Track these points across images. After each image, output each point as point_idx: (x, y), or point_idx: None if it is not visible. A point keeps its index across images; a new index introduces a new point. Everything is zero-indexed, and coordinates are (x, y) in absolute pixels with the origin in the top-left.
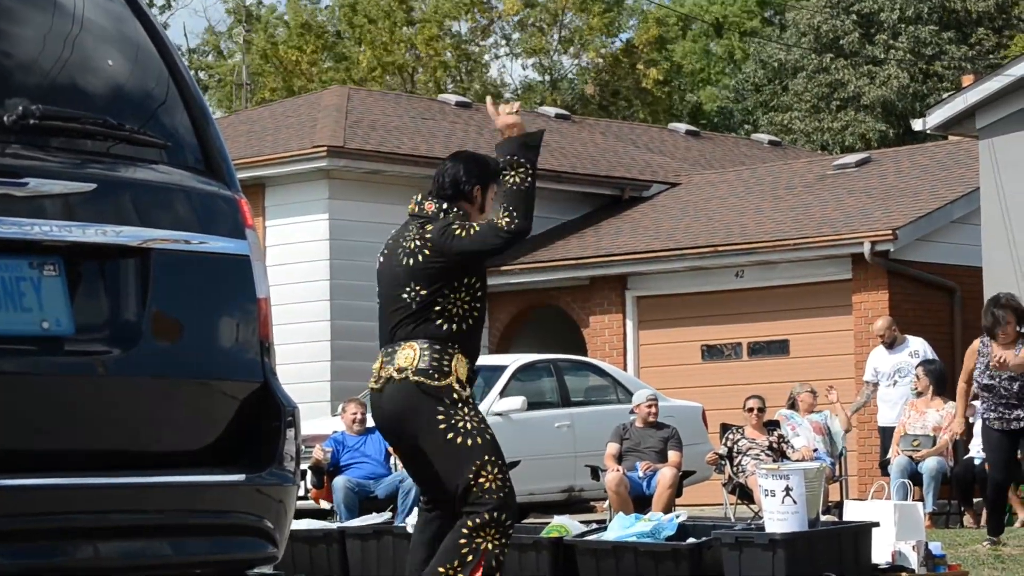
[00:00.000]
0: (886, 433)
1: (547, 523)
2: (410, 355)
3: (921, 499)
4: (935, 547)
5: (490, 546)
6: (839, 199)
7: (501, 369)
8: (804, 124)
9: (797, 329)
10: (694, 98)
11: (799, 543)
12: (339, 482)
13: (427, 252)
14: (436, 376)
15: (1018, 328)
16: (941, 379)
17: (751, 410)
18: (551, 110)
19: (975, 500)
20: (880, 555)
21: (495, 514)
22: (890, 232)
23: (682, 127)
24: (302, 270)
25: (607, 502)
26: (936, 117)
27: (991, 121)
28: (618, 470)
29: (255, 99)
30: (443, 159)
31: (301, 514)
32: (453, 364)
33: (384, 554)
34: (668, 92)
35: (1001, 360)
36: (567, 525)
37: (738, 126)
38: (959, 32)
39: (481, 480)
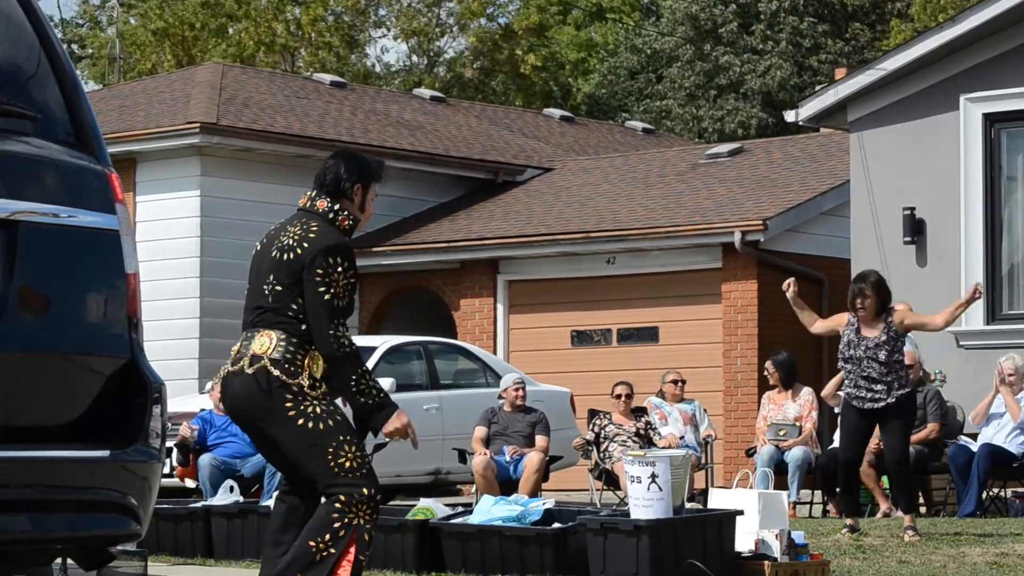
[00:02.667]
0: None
1: (413, 505)
2: (265, 343)
3: (785, 488)
4: (798, 536)
5: (361, 522)
6: (711, 188)
7: (370, 351)
8: (683, 111)
9: (667, 316)
10: (579, 86)
11: (663, 530)
12: (205, 460)
13: (292, 256)
14: (288, 369)
15: (881, 301)
16: (791, 370)
17: (619, 396)
18: (427, 92)
19: (838, 490)
20: (744, 543)
21: (364, 490)
22: (760, 222)
23: (557, 113)
24: (172, 246)
25: (474, 485)
26: (808, 109)
27: (862, 115)
28: (485, 454)
29: (136, 72)
30: (317, 139)
31: (166, 492)
32: (307, 361)
33: (249, 532)
34: (545, 79)
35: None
36: (433, 508)
37: (614, 113)
38: (835, 26)
39: (341, 460)
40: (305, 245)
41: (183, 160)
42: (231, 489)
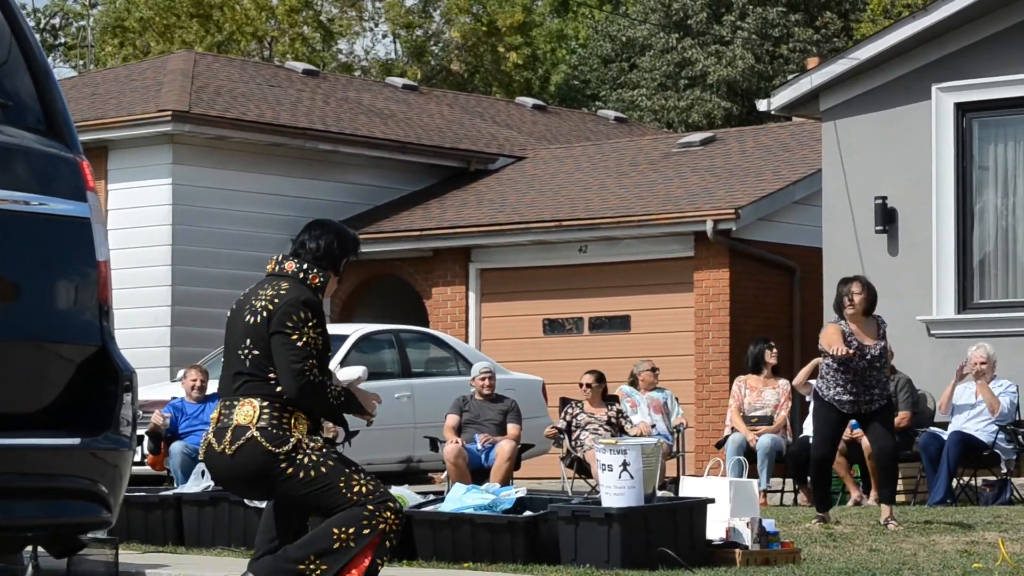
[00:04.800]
0: None
1: None
2: (249, 412)
3: (755, 476)
4: (769, 524)
5: (387, 528)
6: (683, 177)
7: (342, 339)
8: (651, 102)
9: (638, 305)
10: (550, 74)
11: (635, 518)
12: (176, 448)
13: (265, 316)
14: (278, 435)
15: (869, 302)
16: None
17: (588, 385)
18: (398, 80)
19: (811, 486)
20: (714, 531)
21: (389, 503)
22: (732, 211)
23: (529, 101)
24: (144, 235)
25: (445, 473)
26: (781, 98)
27: (834, 104)
28: (457, 442)
29: (123, 57)
30: (289, 127)
31: (137, 480)
32: (293, 423)
33: (220, 520)
34: (527, 77)
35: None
36: (404, 496)
37: (587, 101)
38: (806, 15)
39: (356, 488)
40: (276, 302)
41: (155, 148)
42: (202, 474)
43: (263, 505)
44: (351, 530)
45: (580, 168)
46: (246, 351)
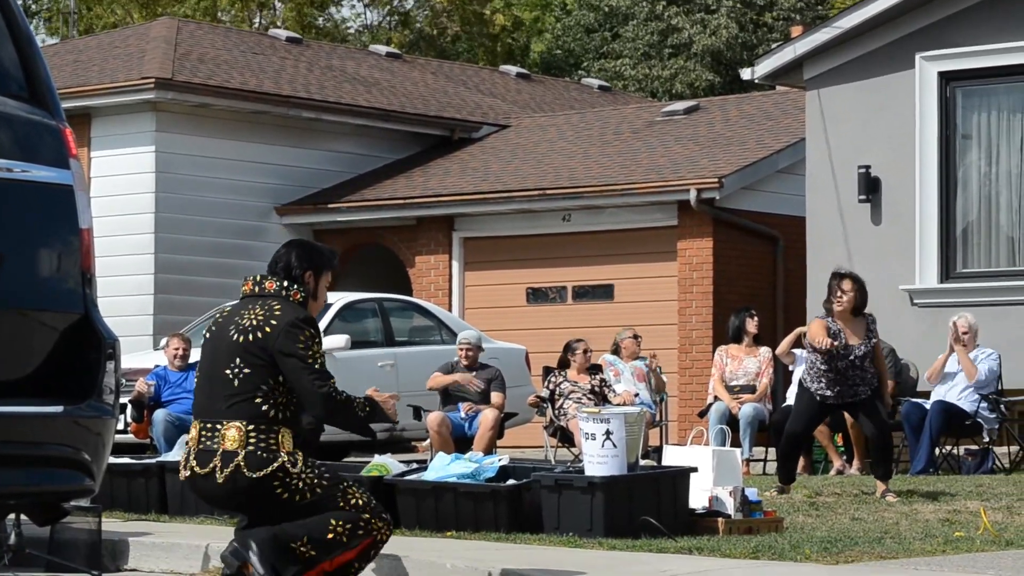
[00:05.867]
0: None
1: (367, 462)
2: (234, 436)
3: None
4: (751, 493)
5: (379, 537)
6: (667, 146)
7: (325, 307)
8: (635, 71)
9: (622, 274)
10: (534, 43)
11: (618, 487)
12: (159, 416)
13: (260, 335)
14: (265, 458)
15: (857, 300)
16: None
17: (585, 352)
18: (382, 48)
19: (778, 456)
20: (697, 500)
21: (383, 515)
22: (716, 180)
23: (513, 69)
24: (127, 202)
25: (428, 442)
26: (764, 67)
27: (818, 72)
28: (441, 411)
29: (102, 25)
30: (273, 95)
31: (120, 448)
32: (280, 441)
33: None
34: (514, 39)
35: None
36: (387, 464)
37: (570, 70)
38: None
39: (352, 501)
40: (273, 322)
41: (138, 116)
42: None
43: None
44: (348, 526)
45: (564, 137)
46: (235, 370)
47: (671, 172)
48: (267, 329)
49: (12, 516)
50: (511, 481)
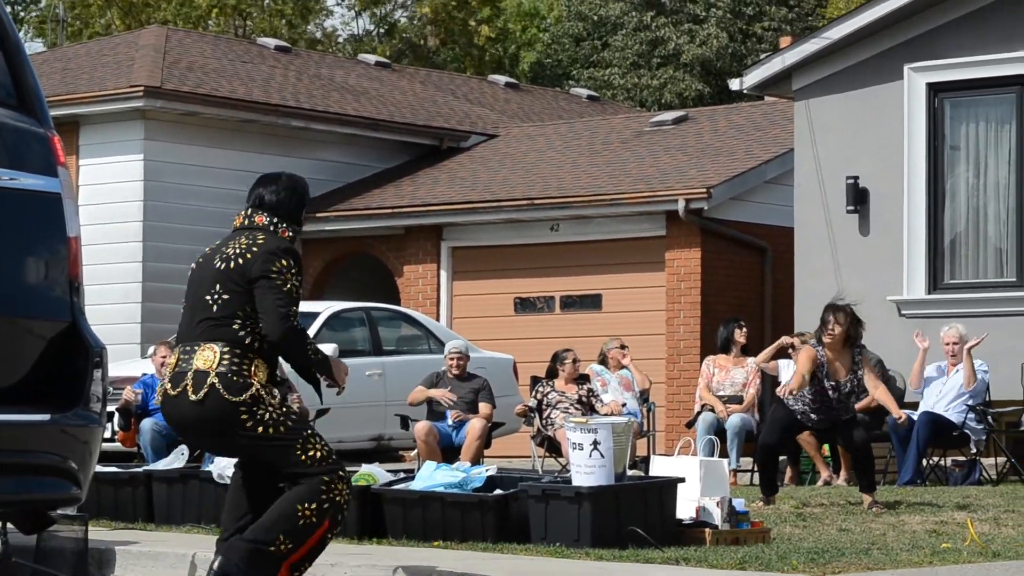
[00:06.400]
0: None
1: (355, 471)
2: (209, 357)
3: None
4: (738, 503)
5: (341, 500)
6: (655, 156)
7: (313, 316)
8: (624, 80)
9: (610, 284)
10: (523, 54)
11: (605, 497)
12: (147, 424)
13: (241, 262)
14: (237, 381)
15: (849, 334)
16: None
17: (574, 361)
18: (371, 57)
19: (780, 458)
20: (685, 511)
21: (340, 472)
22: (704, 190)
23: (501, 79)
24: (115, 210)
25: (415, 451)
26: (753, 77)
27: (807, 83)
28: (427, 422)
29: (89, 34)
30: (261, 103)
31: (107, 456)
32: (252, 370)
33: (190, 497)
34: (498, 52)
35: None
36: (375, 473)
37: (559, 80)
38: None
39: (311, 452)
40: (254, 250)
41: (126, 124)
42: (181, 454)
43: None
44: (313, 506)
45: (552, 146)
46: (215, 295)
47: (659, 182)
48: (248, 256)
49: None
50: (498, 491)
